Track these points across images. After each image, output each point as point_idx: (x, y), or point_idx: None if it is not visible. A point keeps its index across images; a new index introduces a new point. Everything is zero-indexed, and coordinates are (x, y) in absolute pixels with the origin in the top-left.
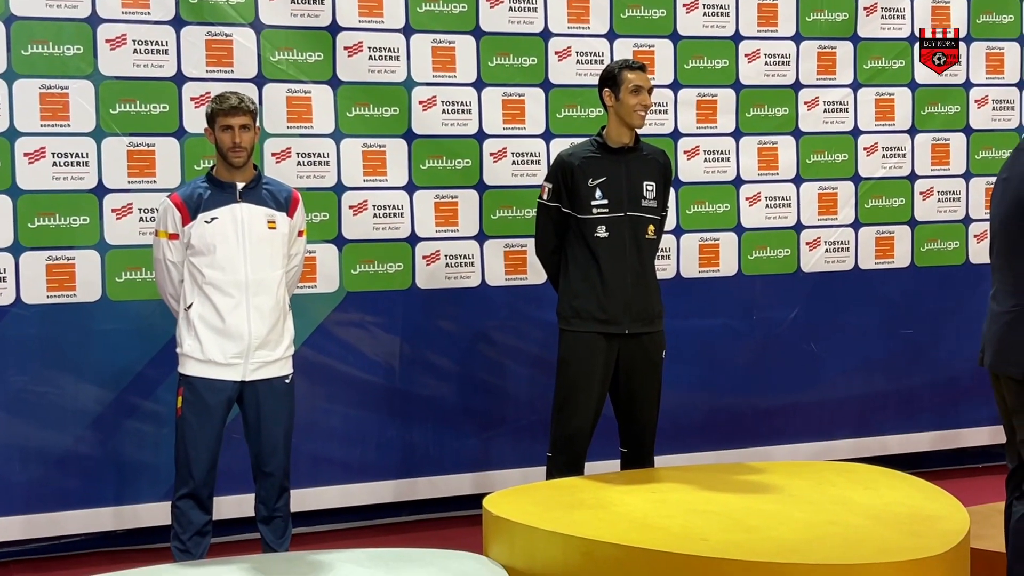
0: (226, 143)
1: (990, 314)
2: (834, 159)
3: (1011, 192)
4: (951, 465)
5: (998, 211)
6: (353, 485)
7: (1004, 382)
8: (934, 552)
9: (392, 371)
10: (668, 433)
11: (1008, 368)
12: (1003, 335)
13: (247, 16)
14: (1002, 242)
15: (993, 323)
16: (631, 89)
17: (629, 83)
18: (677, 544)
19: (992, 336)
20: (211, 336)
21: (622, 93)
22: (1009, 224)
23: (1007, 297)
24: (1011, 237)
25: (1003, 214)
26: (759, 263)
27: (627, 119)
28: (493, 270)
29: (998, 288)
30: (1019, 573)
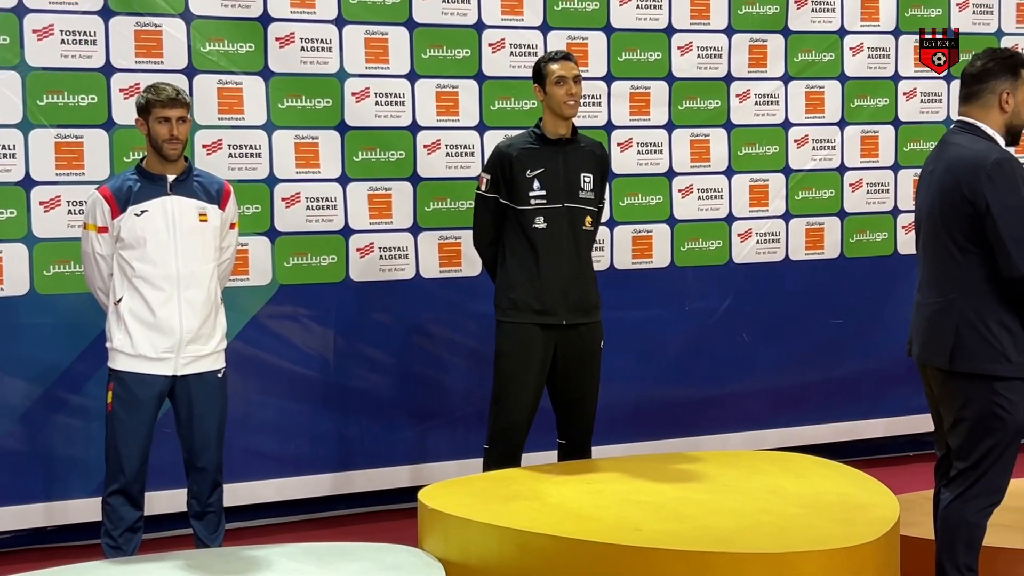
0: (163, 135)
1: (916, 305)
2: (765, 151)
3: (935, 184)
4: (882, 453)
5: (923, 203)
6: (287, 479)
7: (931, 372)
8: (865, 540)
9: (327, 364)
10: (604, 424)
11: (934, 359)
12: (928, 326)
13: (177, 7)
14: (926, 234)
15: (919, 314)
16: (555, 81)
17: (552, 75)
18: (611, 535)
19: (918, 327)
20: (141, 330)
21: (548, 86)
22: (933, 216)
23: (932, 288)
24: (935, 229)
25: (927, 206)
26: (691, 254)
27: (556, 110)
28: (427, 262)
29: (923, 279)
30: (947, 559)
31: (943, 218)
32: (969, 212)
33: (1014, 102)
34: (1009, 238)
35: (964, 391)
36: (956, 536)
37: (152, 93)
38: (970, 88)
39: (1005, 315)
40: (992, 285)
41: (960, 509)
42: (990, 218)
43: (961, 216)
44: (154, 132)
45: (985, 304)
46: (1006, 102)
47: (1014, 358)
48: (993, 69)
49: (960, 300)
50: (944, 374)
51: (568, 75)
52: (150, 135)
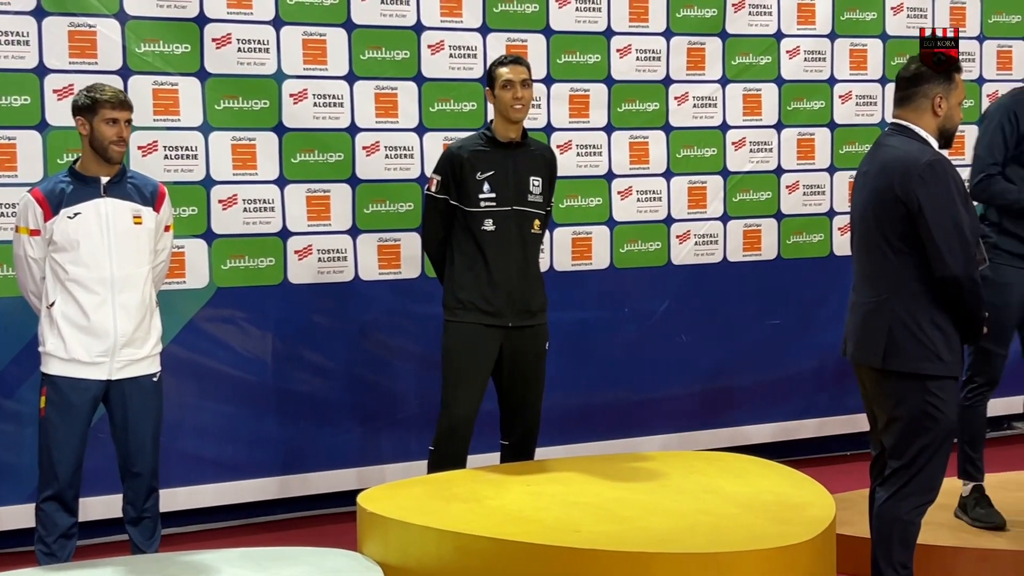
0: (110, 136)
1: (851, 305)
2: (703, 153)
3: (869, 186)
4: (818, 453)
5: (857, 204)
6: (226, 483)
7: (865, 372)
8: (801, 539)
9: (265, 367)
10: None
11: (867, 358)
12: (862, 326)
13: (111, 7)
14: (860, 235)
15: (853, 314)
16: (502, 84)
17: (500, 78)
18: (550, 536)
19: (852, 327)
20: (75, 334)
21: (496, 89)
22: (867, 217)
23: (866, 289)
24: (869, 230)
25: (862, 207)
26: (631, 256)
27: (504, 114)
28: (366, 264)
29: (858, 280)
30: (883, 557)
31: (877, 219)
32: (902, 213)
33: (947, 106)
34: (940, 238)
35: (897, 390)
36: (891, 534)
37: (99, 93)
38: (904, 91)
39: (937, 315)
40: (925, 285)
41: (894, 507)
42: (922, 219)
43: (894, 217)
44: (100, 133)
45: (918, 304)
46: (939, 105)
47: (946, 357)
48: (927, 73)
49: (893, 300)
50: (878, 373)
51: (515, 79)
52: (92, 136)
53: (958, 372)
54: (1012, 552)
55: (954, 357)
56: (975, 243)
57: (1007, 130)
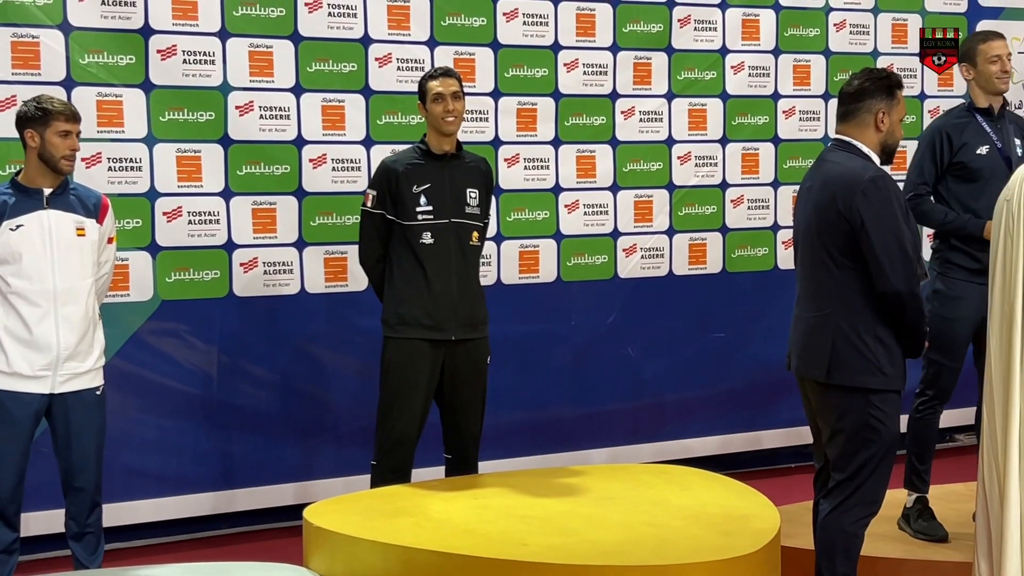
0: (63, 149)
1: (795, 319)
2: (649, 167)
3: (812, 201)
4: (763, 465)
5: (801, 219)
6: (168, 498)
7: (808, 385)
8: (746, 551)
9: (209, 380)
10: (491, 439)
11: (811, 371)
12: (806, 340)
13: (55, 18)
14: (804, 249)
15: (797, 328)
16: (433, 98)
17: (431, 92)
18: (497, 549)
19: (797, 341)
20: (17, 348)
21: (428, 103)
22: (810, 232)
23: (809, 303)
24: (812, 244)
25: (805, 222)
26: (577, 269)
27: (436, 127)
28: (312, 277)
29: (801, 294)
30: (827, 569)
31: (820, 234)
32: (845, 228)
33: (889, 122)
34: (883, 254)
35: (840, 403)
36: (835, 546)
37: (50, 104)
38: (847, 107)
39: (880, 329)
40: (867, 299)
41: (838, 519)
42: (864, 234)
43: (837, 232)
44: (51, 145)
45: (861, 318)
46: (881, 121)
47: (888, 371)
48: (869, 88)
49: (836, 314)
50: (821, 387)
51: (446, 92)
52: (43, 147)
53: (900, 385)
54: (955, 563)
55: (896, 371)
56: (917, 259)
57: (937, 150)
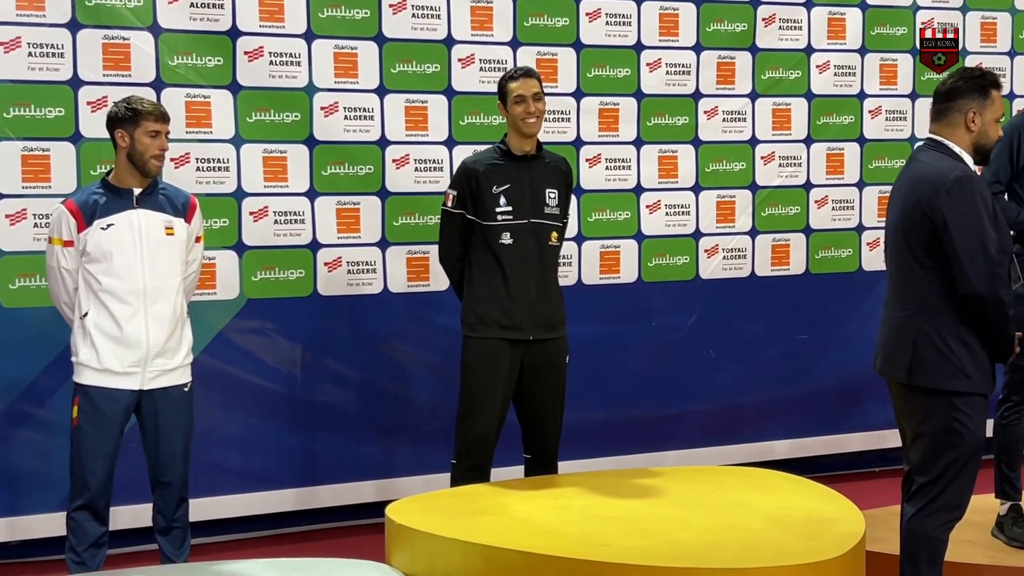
0: (152, 149)
1: (882, 320)
2: (732, 168)
3: (899, 201)
4: (848, 469)
5: (890, 220)
6: (253, 494)
7: (893, 387)
8: (830, 555)
9: (293, 378)
10: (570, 439)
11: (893, 373)
12: (890, 341)
13: (145, 20)
14: (892, 249)
15: (883, 329)
16: (514, 100)
17: (512, 93)
18: (578, 550)
19: (881, 342)
20: (108, 345)
21: (508, 104)
22: (898, 232)
23: (895, 304)
24: (899, 245)
25: (893, 222)
26: (659, 270)
27: (517, 128)
28: (395, 276)
29: (889, 295)
30: (909, 573)
31: (906, 234)
32: (928, 228)
33: (981, 122)
34: (964, 255)
35: (923, 406)
36: (918, 551)
37: (140, 105)
38: (939, 106)
39: (964, 331)
40: (951, 301)
41: (922, 524)
42: (947, 235)
43: (922, 232)
44: (141, 145)
45: (943, 319)
46: (972, 121)
47: (972, 374)
48: (961, 88)
49: (919, 315)
50: (904, 388)
51: (527, 93)
52: (132, 148)
53: (986, 389)
54: None
55: (981, 375)
56: (1004, 261)
57: (1013, 149)
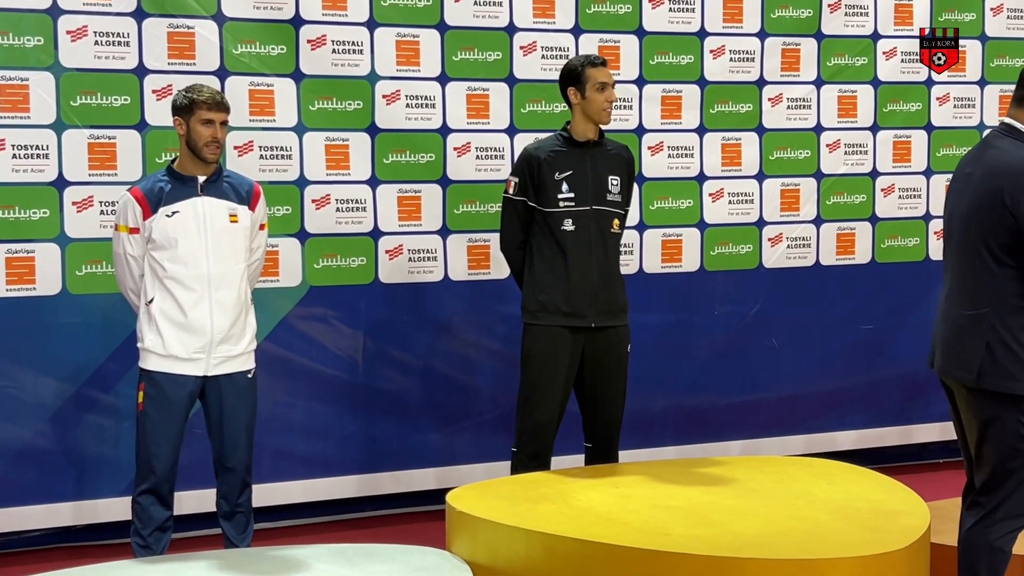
0: (205, 137)
1: (942, 315)
2: (797, 155)
3: (972, 189)
4: (912, 460)
5: (956, 208)
6: (316, 480)
7: (954, 386)
8: (895, 547)
9: (355, 365)
10: (631, 427)
11: (959, 373)
12: (956, 339)
13: (209, 9)
14: (959, 241)
15: (945, 325)
16: (597, 87)
17: (594, 80)
18: (639, 539)
19: (943, 339)
20: (173, 331)
21: (588, 91)
22: (968, 223)
23: (961, 299)
24: (969, 237)
25: (962, 212)
26: (721, 259)
27: (595, 117)
28: (456, 264)
29: (952, 289)
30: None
31: (979, 226)
32: (1009, 223)
33: None
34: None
35: (989, 409)
36: (979, 562)
37: (196, 94)
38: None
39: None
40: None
41: (983, 533)
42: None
43: (1000, 226)
44: (195, 133)
45: (1019, 321)
46: None
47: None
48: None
49: (992, 314)
50: (969, 390)
51: (609, 82)
52: (189, 136)
53: None
54: None
55: None
56: None
57: None
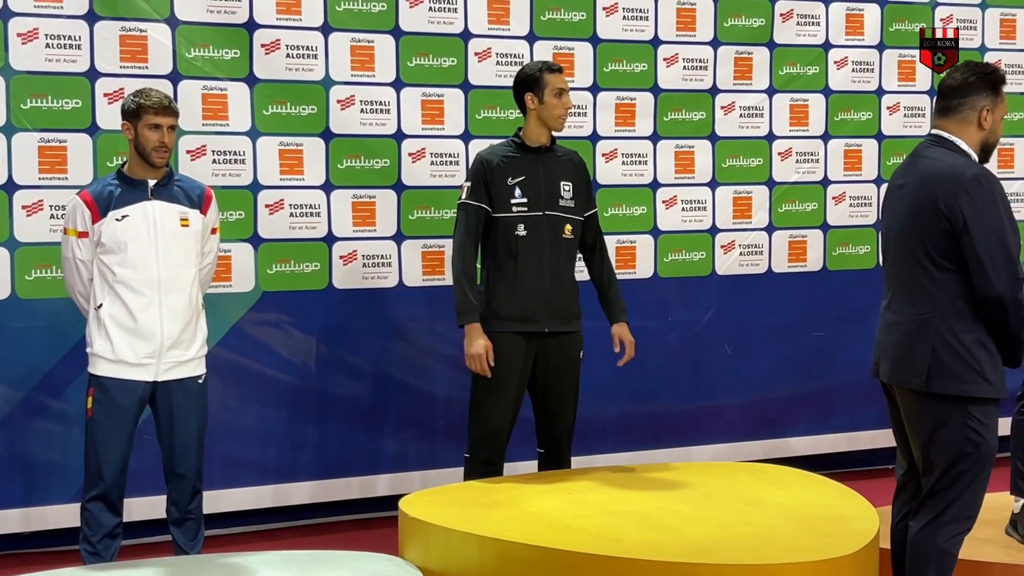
0: (152, 142)
1: (886, 324)
2: (749, 163)
3: (908, 199)
4: (863, 466)
5: (893, 219)
6: (267, 486)
7: (900, 393)
8: (845, 552)
9: (308, 371)
10: (585, 434)
11: (908, 379)
12: (902, 345)
13: (162, 12)
14: (898, 250)
15: (890, 333)
16: (555, 92)
17: (553, 86)
18: (592, 545)
19: (889, 346)
20: (122, 336)
21: (546, 96)
22: (906, 232)
23: (905, 307)
24: (908, 245)
25: (899, 222)
26: (675, 265)
27: (551, 123)
28: (410, 270)
29: (894, 297)
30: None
31: (917, 234)
32: (946, 228)
33: (992, 119)
34: (985, 256)
35: (938, 413)
36: (927, 564)
37: (144, 98)
38: (948, 102)
39: (983, 334)
40: (969, 303)
41: (931, 536)
42: (967, 235)
43: (937, 232)
44: (143, 138)
45: (963, 323)
46: (984, 119)
47: (992, 379)
48: (975, 84)
49: (937, 319)
50: (917, 395)
51: (566, 88)
52: (136, 140)
53: (1004, 394)
54: None
55: (999, 379)
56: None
57: None
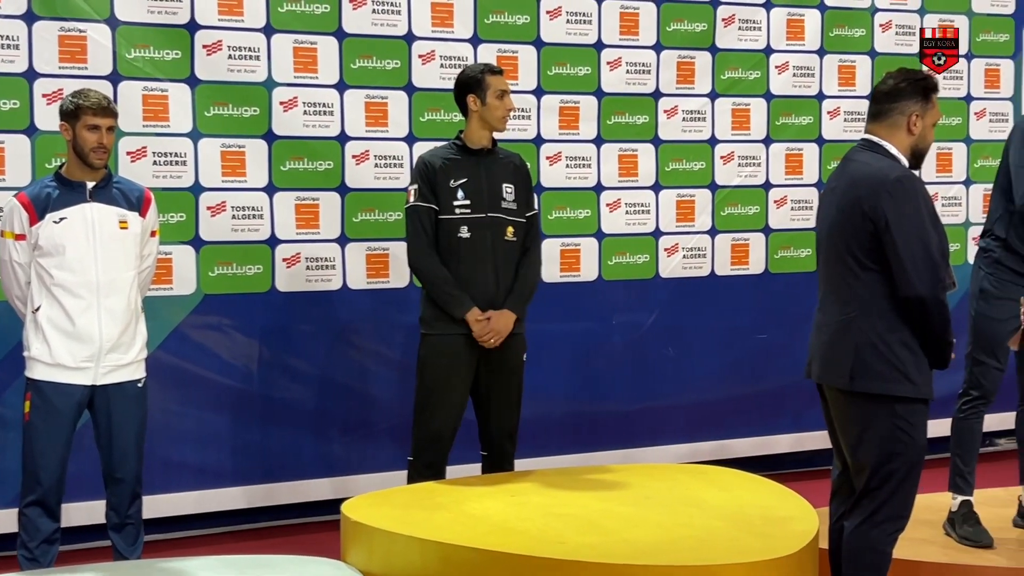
0: (91, 143)
1: (816, 325)
2: (692, 167)
3: (836, 202)
4: (804, 467)
5: (824, 221)
6: (208, 491)
7: (831, 393)
8: (784, 552)
9: (250, 375)
10: (530, 436)
11: (833, 378)
12: (829, 345)
13: (102, 12)
14: (828, 252)
15: (819, 333)
16: (497, 94)
17: (495, 88)
18: (534, 547)
19: (818, 347)
20: (60, 339)
21: (488, 98)
22: (834, 234)
23: (833, 307)
24: (836, 246)
25: (829, 224)
26: (619, 268)
27: (494, 124)
28: (355, 273)
29: (824, 298)
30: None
31: (844, 235)
32: (869, 229)
33: (922, 125)
34: (907, 256)
35: (864, 413)
36: (861, 564)
37: (82, 99)
38: (879, 106)
39: (907, 335)
40: (893, 303)
41: (865, 535)
42: (889, 236)
43: (861, 233)
44: (81, 139)
45: (886, 323)
46: (914, 124)
47: (916, 379)
48: (905, 89)
49: (860, 319)
50: (844, 395)
51: (508, 90)
52: (75, 141)
53: (929, 394)
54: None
55: (925, 380)
56: (944, 264)
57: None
